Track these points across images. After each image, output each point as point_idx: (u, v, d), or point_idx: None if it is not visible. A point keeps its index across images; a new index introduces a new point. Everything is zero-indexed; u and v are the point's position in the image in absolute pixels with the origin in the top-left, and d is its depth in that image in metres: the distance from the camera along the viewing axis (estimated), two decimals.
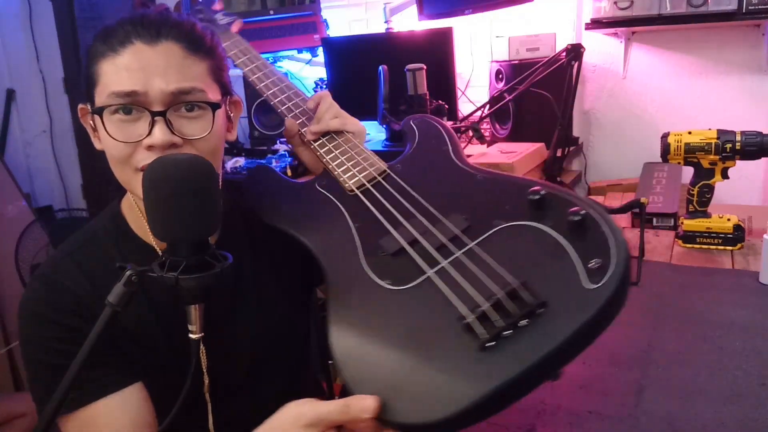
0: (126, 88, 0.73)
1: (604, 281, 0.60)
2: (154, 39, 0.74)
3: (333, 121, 0.92)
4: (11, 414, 1.86)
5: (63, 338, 0.78)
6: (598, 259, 0.62)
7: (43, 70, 3.45)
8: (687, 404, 0.83)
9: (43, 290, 0.80)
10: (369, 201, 0.82)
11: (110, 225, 0.85)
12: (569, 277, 0.63)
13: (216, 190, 0.67)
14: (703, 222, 1.37)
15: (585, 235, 0.66)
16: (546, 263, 0.66)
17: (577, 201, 0.69)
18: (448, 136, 0.90)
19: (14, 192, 2.78)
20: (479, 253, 0.69)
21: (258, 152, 2.67)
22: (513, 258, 0.68)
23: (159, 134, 0.73)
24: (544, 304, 0.62)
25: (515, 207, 0.72)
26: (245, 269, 0.89)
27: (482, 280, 0.66)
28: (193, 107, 0.76)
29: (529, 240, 0.69)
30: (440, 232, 0.74)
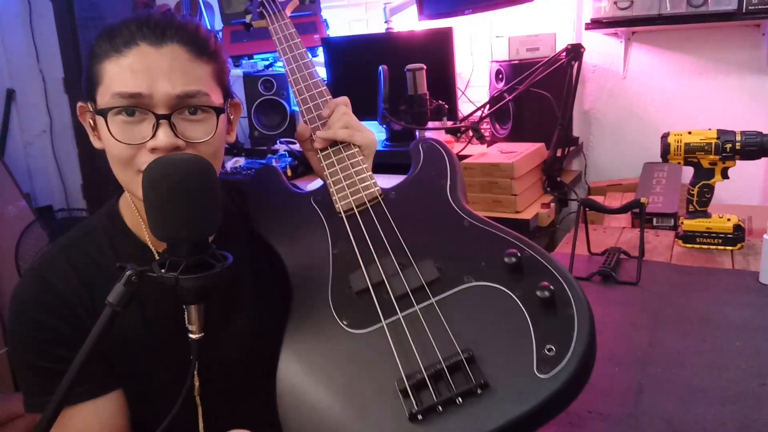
0: (130, 90, 0.73)
1: (553, 373, 0.57)
2: (159, 41, 0.74)
3: (341, 131, 0.90)
4: (11, 414, 1.86)
5: (47, 340, 0.78)
6: (554, 346, 0.58)
7: (43, 70, 3.46)
8: (687, 404, 0.83)
9: (31, 288, 0.80)
10: (351, 229, 0.80)
11: (107, 222, 0.86)
12: (520, 358, 0.59)
13: (216, 190, 0.67)
14: (703, 222, 1.37)
15: (550, 315, 0.61)
16: (502, 336, 0.62)
17: (557, 273, 0.64)
18: (451, 169, 0.85)
19: (14, 192, 2.78)
20: (437, 312, 0.66)
21: (258, 152, 2.67)
22: (470, 323, 0.64)
23: (163, 137, 0.73)
24: (485, 385, 0.58)
25: (490, 265, 0.68)
26: (243, 270, 0.89)
27: (431, 343, 0.63)
28: (197, 111, 0.76)
29: (494, 305, 0.64)
30: (407, 279, 0.70)
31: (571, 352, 0.57)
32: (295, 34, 1.05)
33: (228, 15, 2.74)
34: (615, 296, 1.17)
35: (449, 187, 0.82)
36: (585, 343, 0.58)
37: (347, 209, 0.82)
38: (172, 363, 0.70)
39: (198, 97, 0.76)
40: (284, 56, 1.03)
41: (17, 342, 0.80)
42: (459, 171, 0.86)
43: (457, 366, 0.60)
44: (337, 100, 0.94)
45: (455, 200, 0.79)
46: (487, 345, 0.61)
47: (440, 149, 0.90)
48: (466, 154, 2.03)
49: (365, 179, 0.85)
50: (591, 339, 0.59)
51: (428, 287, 0.69)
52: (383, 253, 0.75)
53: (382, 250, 0.75)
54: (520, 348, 0.59)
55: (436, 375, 0.60)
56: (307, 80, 0.99)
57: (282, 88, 2.72)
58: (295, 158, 2.51)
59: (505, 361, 0.60)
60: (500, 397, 0.58)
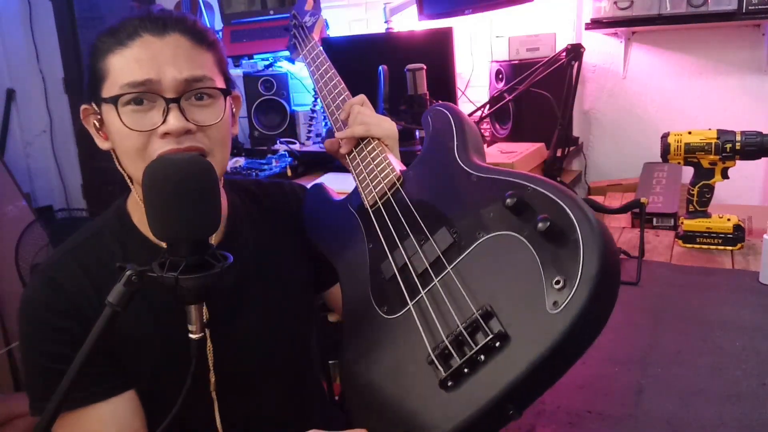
0: (139, 78, 0.74)
1: (563, 306, 0.53)
2: (162, 31, 0.76)
3: (356, 128, 0.93)
4: (11, 414, 1.86)
5: (57, 341, 0.78)
6: (561, 277, 0.55)
7: (43, 70, 3.46)
8: (687, 404, 0.83)
9: (41, 290, 0.80)
10: (377, 220, 0.82)
11: (115, 222, 0.86)
12: (533, 300, 0.56)
13: (216, 190, 0.67)
14: (703, 222, 1.37)
15: (556, 246, 0.57)
16: (516, 282, 0.60)
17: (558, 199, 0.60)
18: (457, 128, 0.84)
19: (14, 192, 2.78)
20: (453, 279, 0.66)
21: (258, 152, 2.67)
22: (486, 278, 0.64)
23: (174, 121, 0.75)
24: (503, 336, 0.57)
25: (497, 213, 0.66)
26: (250, 269, 0.89)
27: (450, 311, 0.64)
28: (203, 96, 0.78)
29: (506, 253, 0.63)
30: (426, 254, 0.72)
31: (579, 278, 0.53)
32: (321, 52, 1.12)
33: (228, 15, 2.74)
34: None
35: (456, 147, 0.81)
36: (595, 265, 0.53)
37: (373, 203, 0.85)
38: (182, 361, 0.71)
39: (204, 81, 0.78)
40: (314, 76, 1.09)
41: (28, 344, 0.81)
42: (467, 128, 0.85)
43: (476, 325, 0.60)
44: (352, 100, 0.97)
45: (463, 159, 0.79)
46: (503, 295, 0.60)
47: (445, 111, 0.89)
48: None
49: (384, 168, 0.87)
50: (603, 260, 0.53)
51: (444, 256, 0.69)
52: (404, 236, 0.77)
53: (404, 232, 0.77)
54: (532, 289, 0.57)
55: (458, 339, 0.61)
56: (333, 92, 1.03)
57: (282, 88, 2.72)
58: (295, 158, 2.51)
59: (520, 306, 0.58)
60: (517, 344, 0.56)
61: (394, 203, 0.82)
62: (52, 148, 3.54)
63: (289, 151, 2.54)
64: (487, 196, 0.70)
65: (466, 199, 0.74)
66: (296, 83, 2.89)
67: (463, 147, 0.81)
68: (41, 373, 0.80)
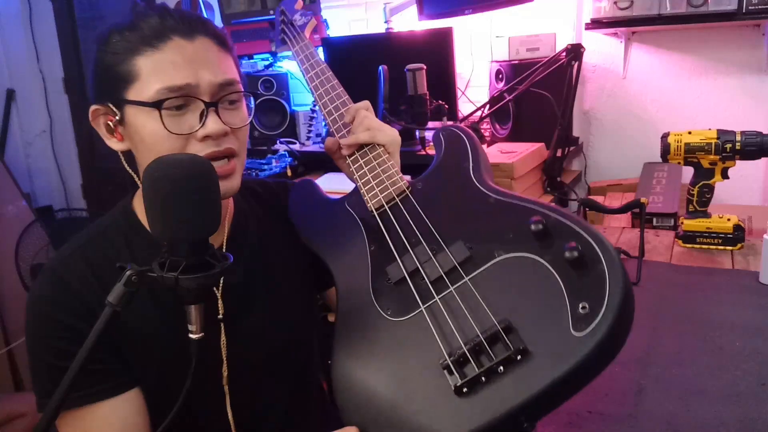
0: (179, 82, 0.75)
1: (588, 330, 0.57)
2: (190, 34, 0.77)
3: (362, 134, 0.93)
4: (11, 414, 1.86)
5: (65, 338, 0.78)
6: (587, 303, 0.58)
7: (43, 70, 3.46)
8: (687, 404, 0.83)
9: (48, 288, 0.81)
10: (384, 224, 0.83)
11: (121, 220, 0.86)
12: (556, 321, 0.59)
13: (216, 190, 0.67)
14: (703, 222, 1.37)
15: (581, 274, 0.61)
16: (537, 301, 0.63)
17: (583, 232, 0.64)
18: (472, 150, 0.87)
19: (14, 192, 2.78)
20: (471, 289, 0.68)
21: (258, 152, 2.67)
22: (505, 294, 0.66)
23: (213, 124, 0.76)
24: (524, 351, 0.60)
25: (518, 236, 0.69)
26: (256, 267, 0.90)
27: (468, 319, 0.65)
28: (234, 100, 0.81)
29: (526, 274, 0.65)
30: (440, 263, 0.73)
31: (605, 306, 0.57)
32: (315, 53, 1.11)
33: (228, 15, 2.74)
34: None
35: (472, 168, 0.83)
36: (619, 296, 0.57)
37: (378, 207, 0.85)
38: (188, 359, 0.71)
39: (234, 85, 0.80)
40: (307, 75, 1.08)
41: (35, 342, 0.81)
42: (481, 152, 0.87)
43: (495, 336, 0.62)
44: (358, 105, 0.97)
45: (479, 180, 0.81)
46: (523, 312, 0.63)
47: (460, 133, 0.91)
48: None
49: (392, 175, 0.88)
50: (625, 292, 0.58)
51: (461, 267, 0.71)
52: (416, 242, 0.78)
53: (414, 239, 0.78)
54: (555, 310, 0.60)
55: (476, 348, 0.62)
56: (330, 94, 1.03)
57: (282, 88, 2.72)
58: (295, 158, 2.51)
59: (541, 325, 0.60)
60: (539, 360, 0.59)
61: (403, 209, 0.82)
62: (52, 148, 3.54)
63: (289, 151, 2.54)
64: (506, 218, 0.72)
65: (483, 218, 0.75)
66: (296, 83, 2.89)
67: (477, 168, 0.83)
68: (47, 370, 0.80)
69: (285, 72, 2.78)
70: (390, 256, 0.78)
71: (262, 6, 2.78)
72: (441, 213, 0.80)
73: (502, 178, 1.84)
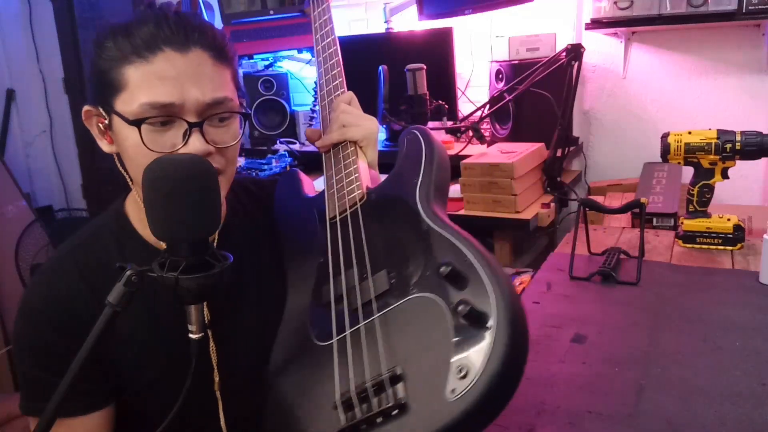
0: (162, 100, 0.72)
1: (458, 396, 0.54)
2: (184, 46, 0.73)
3: (334, 134, 0.91)
4: (11, 414, 1.86)
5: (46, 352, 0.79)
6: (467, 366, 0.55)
7: (43, 70, 3.46)
8: (687, 404, 0.83)
9: (37, 295, 0.81)
10: (331, 237, 0.81)
11: (113, 223, 0.86)
12: (437, 378, 0.57)
13: (216, 190, 0.67)
14: (703, 222, 1.37)
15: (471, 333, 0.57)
16: (429, 353, 0.60)
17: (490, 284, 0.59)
18: (426, 163, 0.81)
19: (14, 192, 2.78)
20: (377, 327, 0.66)
21: (258, 152, 2.67)
22: (405, 338, 0.63)
23: (196, 144, 0.73)
24: (403, 406, 0.58)
25: (433, 275, 0.65)
26: (246, 266, 0.89)
27: (364, 361, 0.64)
28: (223, 118, 0.77)
29: (429, 319, 0.62)
30: (362, 292, 0.71)
31: (480, 374, 0.54)
32: (329, 22, 1.05)
33: (228, 15, 2.74)
34: (615, 296, 1.17)
35: (419, 185, 0.78)
36: (497, 366, 0.54)
37: (332, 216, 0.83)
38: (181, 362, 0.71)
39: (225, 103, 0.76)
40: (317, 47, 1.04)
41: (21, 348, 0.81)
42: (436, 165, 0.81)
43: (382, 385, 0.60)
44: (341, 98, 0.94)
45: (422, 200, 0.76)
46: (415, 362, 0.60)
47: (420, 141, 0.85)
48: (466, 154, 2.03)
49: (352, 182, 0.84)
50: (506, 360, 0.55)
51: (377, 300, 0.69)
52: (348, 265, 0.75)
53: (349, 261, 0.75)
54: (440, 366, 0.57)
55: (363, 393, 0.61)
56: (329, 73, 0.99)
57: (282, 88, 2.72)
58: (295, 158, 2.51)
59: (425, 379, 0.58)
60: (412, 418, 0.57)
61: (349, 224, 0.80)
62: (52, 148, 3.55)
63: (289, 151, 2.54)
64: (430, 251, 0.68)
65: (411, 247, 0.71)
66: (296, 83, 2.89)
67: (426, 186, 0.78)
68: (30, 376, 0.81)
69: (285, 72, 2.79)
70: (327, 274, 0.76)
71: (262, 6, 2.78)
72: (378, 234, 0.76)
73: (502, 178, 1.84)
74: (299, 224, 0.89)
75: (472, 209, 1.92)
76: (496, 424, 0.82)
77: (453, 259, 0.63)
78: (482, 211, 1.90)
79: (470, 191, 1.91)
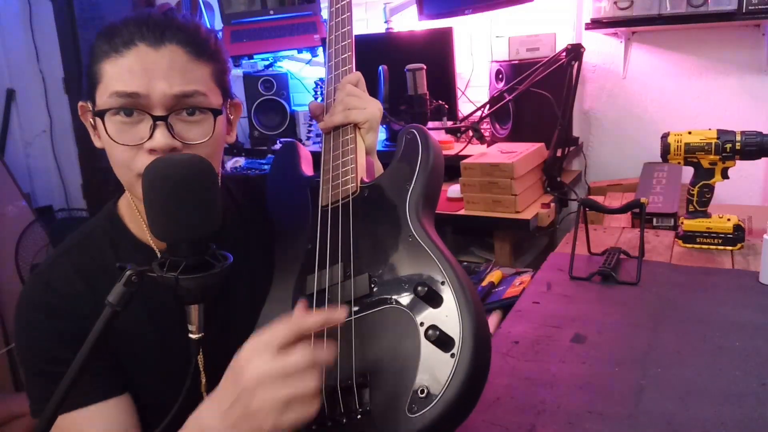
0: (127, 89, 0.73)
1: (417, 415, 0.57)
2: (158, 41, 0.74)
3: (336, 116, 0.89)
4: (11, 414, 1.86)
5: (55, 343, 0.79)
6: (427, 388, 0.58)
7: (43, 70, 3.46)
8: (687, 404, 0.83)
9: (35, 293, 0.81)
10: (321, 227, 0.80)
11: (106, 224, 0.86)
12: (400, 393, 0.60)
13: (215, 190, 0.67)
14: (703, 222, 1.37)
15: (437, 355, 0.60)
16: (398, 366, 0.62)
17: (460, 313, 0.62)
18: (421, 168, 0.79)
19: (14, 192, 2.78)
20: (351, 332, 0.67)
21: (258, 152, 2.67)
22: (378, 346, 0.65)
23: (160, 138, 0.73)
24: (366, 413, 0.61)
25: (411, 289, 0.66)
26: (239, 263, 0.89)
27: (337, 363, 0.65)
28: (194, 111, 0.76)
29: (402, 332, 0.64)
30: (343, 292, 0.71)
31: (439, 397, 0.57)
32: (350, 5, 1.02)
33: (228, 15, 2.74)
34: (615, 296, 1.17)
35: (411, 191, 0.77)
36: (456, 391, 0.57)
37: (325, 204, 0.82)
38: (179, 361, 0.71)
39: (195, 97, 0.75)
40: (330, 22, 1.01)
41: (25, 346, 0.81)
42: (430, 170, 0.80)
43: (350, 389, 0.63)
44: (347, 78, 0.93)
45: (411, 207, 0.76)
46: (383, 372, 0.63)
47: (418, 143, 0.83)
48: (466, 154, 2.03)
49: (348, 172, 0.83)
50: (465, 386, 0.58)
51: (356, 303, 0.70)
52: (334, 260, 0.75)
53: (335, 256, 0.76)
54: (405, 382, 0.60)
55: (333, 393, 0.63)
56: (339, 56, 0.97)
57: (282, 88, 2.72)
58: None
59: (390, 392, 0.61)
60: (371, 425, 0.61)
61: (340, 216, 0.79)
62: (52, 148, 3.54)
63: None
64: (412, 263, 0.70)
65: (395, 256, 0.72)
66: (296, 83, 2.89)
67: (417, 194, 0.77)
68: (39, 375, 0.80)
69: (285, 72, 2.78)
70: (312, 265, 0.76)
71: (262, 6, 2.78)
72: (366, 234, 0.76)
73: (502, 178, 1.84)
74: (292, 201, 0.88)
75: (472, 209, 1.92)
76: (497, 424, 0.82)
77: (430, 278, 0.66)
78: (482, 211, 1.90)
79: (470, 191, 1.91)
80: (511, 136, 2.19)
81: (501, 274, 1.70)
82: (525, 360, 0.97)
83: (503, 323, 1.11)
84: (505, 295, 1.54)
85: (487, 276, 1.71)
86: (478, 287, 1.65)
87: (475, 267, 1.85)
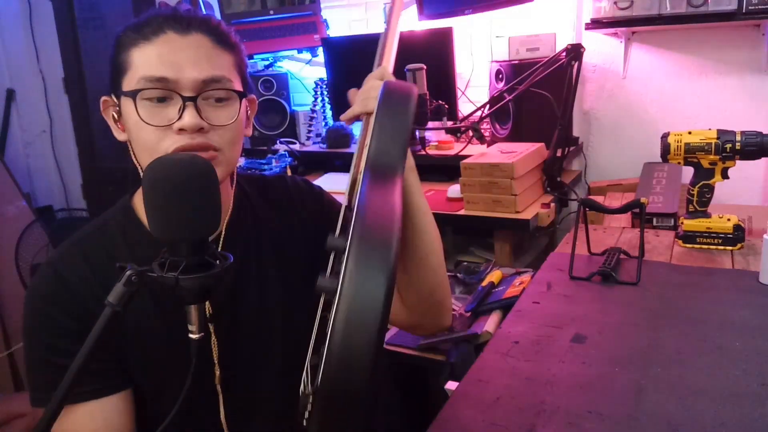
0: (157, 74, 0.76)
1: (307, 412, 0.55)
2: (185, 30, 0.78)
3: (355, 107, 0.88)
4: (11, 414, 1.86)
5: (60, 335, 0.79)
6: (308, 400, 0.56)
7: (43, 70, 3.46)
8: (687, 404, 0.83)
9: (45, 283, 0.82)
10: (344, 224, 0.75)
11: (120, 217, 0.87)
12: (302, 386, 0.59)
13: (216, 190, 0.67)
14: (703, 222, 1.37)
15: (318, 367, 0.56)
16: None
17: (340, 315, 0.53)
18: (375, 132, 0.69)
19: (14, 192, 2.78)
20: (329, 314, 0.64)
21: (258, 152, 2.67)
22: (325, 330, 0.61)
23: (189, 118, 0.76)
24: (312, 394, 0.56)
25: None
26: (250, 262, 0.90)
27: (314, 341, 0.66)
28: (221, 98, 0.80)
29: None
30: None
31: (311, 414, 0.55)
32: None
33: (228, 15, 2.75)
34: (615, 296, 1.17)
35: None
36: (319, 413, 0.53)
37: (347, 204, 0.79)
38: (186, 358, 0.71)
39: (222, 82, 0.80)
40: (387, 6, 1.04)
41: (31, 336, 0.82)
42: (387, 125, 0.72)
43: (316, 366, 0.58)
44: (372, 74, 0.92)
45: None
46: None
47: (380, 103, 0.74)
48: (466, 154, 2.03)
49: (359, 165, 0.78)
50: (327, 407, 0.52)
51: None
52: None
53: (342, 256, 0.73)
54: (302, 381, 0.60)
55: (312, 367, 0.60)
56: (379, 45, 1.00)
57: (282, 88, 2.72)
58: (295, 158, 2.51)
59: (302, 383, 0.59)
60: None
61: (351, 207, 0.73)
62: (52, 148, 3.55)
63: (289, 151, 2.54)
64: None
65: None
66: (296, 83, 2.89)
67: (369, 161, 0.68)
68: (42, 365, 0.81)
69: (285, 72, 2.79)
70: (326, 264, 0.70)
71: (262, 6, 2.78)
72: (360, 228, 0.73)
73: (502, 178, 1.84)
74: None
75: (472, 209, 1.92)
76: (497, 424, 0.82)
77: None
78: (482, 211, 1.90)
79: (470, 191, 1.91)
80: (511, 136, 2.19)
81: (501, 274, 1.70)
82: (525, 360, 0.97)
83: (503, 323, 1.11)
84: (505, 295, 1.55)
85: (487, 276, 1.71)
86: (478, 287, 1.65)
87: (475, 267, 1.85)
